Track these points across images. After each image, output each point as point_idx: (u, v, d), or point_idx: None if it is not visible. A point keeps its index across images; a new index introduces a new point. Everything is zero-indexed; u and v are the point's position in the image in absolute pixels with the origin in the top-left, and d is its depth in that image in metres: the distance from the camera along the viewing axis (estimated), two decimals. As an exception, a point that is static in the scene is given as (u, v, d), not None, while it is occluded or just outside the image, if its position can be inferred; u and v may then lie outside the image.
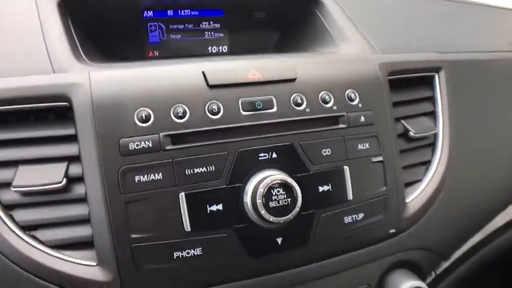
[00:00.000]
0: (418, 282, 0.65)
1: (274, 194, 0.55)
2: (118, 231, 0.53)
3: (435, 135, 0.74)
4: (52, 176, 0.54)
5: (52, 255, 0.53)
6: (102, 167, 0.53)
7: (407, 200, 0.68)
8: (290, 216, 0.55)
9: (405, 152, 0.70)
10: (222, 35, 0.86)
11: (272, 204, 0.54)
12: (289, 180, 0.56)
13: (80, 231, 0.54)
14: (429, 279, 0.79)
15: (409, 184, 0.70)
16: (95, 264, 0.54)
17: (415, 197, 0.69)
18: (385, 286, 0.66)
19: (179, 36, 0.83)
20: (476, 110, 0.79)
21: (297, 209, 0.55)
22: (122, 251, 0.53)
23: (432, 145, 0.74)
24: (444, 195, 0.72)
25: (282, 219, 0.55)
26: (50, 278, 0.53)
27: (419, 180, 0.71)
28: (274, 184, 0.55)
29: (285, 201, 0.55)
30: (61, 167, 0.55)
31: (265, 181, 0.55)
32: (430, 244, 0.71)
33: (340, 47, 0.74)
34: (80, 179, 0.55)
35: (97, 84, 0.55)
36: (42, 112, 0.56)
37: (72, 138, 0.55)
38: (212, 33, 0.85)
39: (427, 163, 0.73)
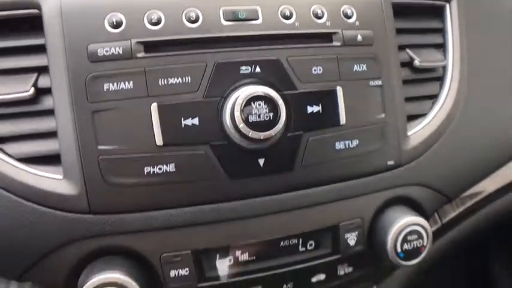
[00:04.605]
0: (417, 218, 0.58)
1: (254, 107, 0.51)
2: (84, 142, 0.51)
3: (444, 68, 0.68)
4: (20, 86, 0.52)
5: (18, 168, 0.52)
6: (70, 74, 0.51)
7: (410, 133, 0.64)
8: (271, 132, 0.51)
9: (410, 83, 0.66)
10: None
11: (252, 118, 0.51)
12: (273, 93, 0.52)
13: (48, 145, 0.53)
14: (435, 228, 0.73)
15: (413, 117, 0.66)
16: (61, 177, 0.52)
17: (419, 129, 0.64)
18: (381, 221, 0.60)
19: None
20: (490, 45, 0.73)
21: (279, 125, 0.51)
22: (88, 163, 0.51)
23: (441, 79, 0.69)
24: (451, 131, 0.66)
25: (262, 134, 0.51)
26: (15, 191, 0.51)
27: (424, 115, 0.66)
28: (256, 97, 0.51)
29: (267, 116, 0.51)
30: (31, 77, 0.53)
31: (245, 92, 0.51)
32: (432, 181, 0.65)
33: None
34: (49, 91, 0.53)
35: None
36: (16, 23, 0.54)
37: (42, 49, 0.53)
38: None
39: (434, 97, 0.68)
